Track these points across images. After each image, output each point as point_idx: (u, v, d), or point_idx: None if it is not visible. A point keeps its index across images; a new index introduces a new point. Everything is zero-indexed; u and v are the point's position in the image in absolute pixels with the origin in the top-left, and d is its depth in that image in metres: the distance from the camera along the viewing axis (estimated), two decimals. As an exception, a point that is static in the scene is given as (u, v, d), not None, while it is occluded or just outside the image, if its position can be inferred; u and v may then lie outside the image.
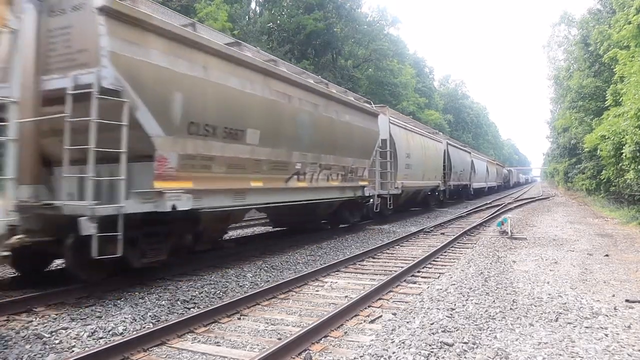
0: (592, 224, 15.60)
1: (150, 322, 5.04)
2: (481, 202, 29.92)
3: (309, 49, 32.19)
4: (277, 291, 6.23)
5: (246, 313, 5.42)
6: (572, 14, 34.32)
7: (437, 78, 72.57)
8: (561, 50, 36.66)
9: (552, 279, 6.84)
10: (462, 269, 7.64)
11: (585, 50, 24.76)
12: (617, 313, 5.14)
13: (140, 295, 6.03)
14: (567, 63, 33.09)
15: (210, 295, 6.21)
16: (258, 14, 33.24)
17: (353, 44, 36.85)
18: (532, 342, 4.22)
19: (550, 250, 9.73)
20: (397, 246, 10.61)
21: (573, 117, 29.36)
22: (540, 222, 16.29)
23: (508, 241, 11.01)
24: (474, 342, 4.22)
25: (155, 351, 4.25)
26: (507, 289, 6.20)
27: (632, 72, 14.32)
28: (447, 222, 16.10)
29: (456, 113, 70.73)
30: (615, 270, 7.57)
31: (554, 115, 46.49)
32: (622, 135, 14.58)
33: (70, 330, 4.68)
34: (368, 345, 4.22)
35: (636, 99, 13.32)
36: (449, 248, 10.17)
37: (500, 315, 5.02)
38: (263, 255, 9.13)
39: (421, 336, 4.35)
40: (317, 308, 5.64)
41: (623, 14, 17.33)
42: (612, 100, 17.85)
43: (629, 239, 11.59)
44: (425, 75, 59.92)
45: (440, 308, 5.27)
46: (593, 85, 24.21)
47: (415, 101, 45.05)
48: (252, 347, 4.34)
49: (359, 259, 8.80)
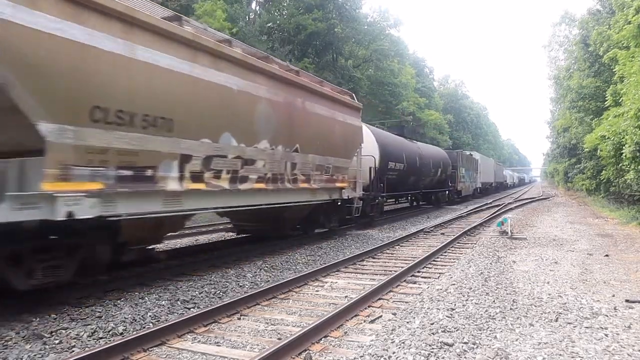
0: (592, 224, 15.60)
1: (150, 322, 5.04)
2: (481, 202, 29.93)
3: (310, 49, 32.18)
4: (277, 291, 6.23)
5: (246, 313, 5.42)
6: (573, 13, 34.30)
7: (437, 78, 72.54)
8: (562, 50, 36.67)
9: (552, 279, 6.84)
10: (462, 269, 7.65)
11: (585, 51, 24.76)
12: (617, 313, 5.14)
13: (140, 295, 6.03)
14: (567, 63, 33.08)
15: (210, 295, 6.20)
16: (258, 14, 33.26)
17: (353, 44, 36.83)
18: (532, 342, 4.22)
19: (550, 250, 9.73)
20: (397, 246, 10.61)
21: (573, 117, 29.36)
22: (540, 222, 16.29)
23: (508, 241, 11.01)
24: (474, 342, 4.22)
25: (155, 351, 4.25)
26: (507, 289, 6.20)
27: (632, 72, 14.32)
28: (447, 222, 16.09)
29: (456, 113, 70.71)
30: (615, 271, 7.57)
31: (554, 115, 46.50)
32: (622, 136, 14.59)
33: (70, 330, 4.68)
34: (368, 345, 4.22)
35: (636, 99, 13.32)
36: (449, 248, 10.17)
37: (500, 315, 5.03)
38: (263, 255, 9.12)
39: (421, 336, 4.35)
40: (317, 308, 5.64)
41: (622, 14, 17.33)
42: (612, 100, 17.86)
43: (629, 239, 11.59)
44: (425, 75, 59.88)
45: (440, 308, 5.27)
46: (593, 86, 24.22)
47: (415, 101, 45.01)
48: (252, 347, 4.34)
49: (359, 258, 8.80)
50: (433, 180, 22.46)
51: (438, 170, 22.45)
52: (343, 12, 33.20)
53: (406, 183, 18.53)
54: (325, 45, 32.39)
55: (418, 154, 19.59)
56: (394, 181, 16.64)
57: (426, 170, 20.58)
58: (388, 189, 16.12)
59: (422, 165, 19.81)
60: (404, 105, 41.18)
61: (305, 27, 29.61)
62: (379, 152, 14.82)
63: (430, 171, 21.22)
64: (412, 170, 18.52)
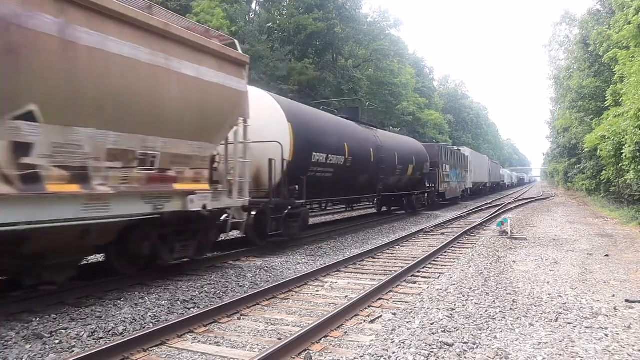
0: (592, 224, 15.60)
1: (150, 322, 5.04)
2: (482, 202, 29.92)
3: (310, 49, 32.18)
4: (277, 291, 6.23)
5: (246, 313, 5.42)
6: (574, 13, 34.28)
7: (437, 78, 72.54)
8: (562, 50, 36.67)
9: (552, 279, 6.84)
10: (462, 269, 7.65)
11: (585, 51, 24.77)
12: (617, 313, 5.14)
13: (140, 295, 6.02)
14: (567, 63, 33.08)
15: (210, 295, 6.20)
16: (258, 14, 33.26)
17: (353, 44, 36.85)
18: (532, 342, 4.23)
19: (550, 250, 9.73)
20: (397, 246, 10.61)
21: (573, 117, 29.37)
22: (540, 222, 16.30)
23: (508, 241, 11.01)
24: (474, 342, 4.22)
25: (155, 351, 4.25)
26: (507, 289, 6.20)
27: (632, 72, 14.32)
28: (447, 222, 16.09)
29: (456, 113, 70.70)
30: (615, 271, 7.57)
31: (554, 115, 46.50)
32: (622, 136, 14.59)
33: (70, 330, 4.68)
34: (368, 345, 4.22)
35: (636, 99, 13.32)
36: (449, 248, 10.17)
37: (500, 315, 5.03)
38: (263, 255, 9.13)
39: (421, 336, 4.35)
40: (317, 308, 5.64)
41: (622, 14, 17.33)
42: (612, 100, 17.85)
43: (629, 239, 11.59)
44: (425, 75, 59.89)
45: (440, 308, 5.28)
46: (593, 86, 24.22)
47: (415, 101, 45.00)
48: (252, 347, 4.34)
49: (359, 259, 8.80)
50: (402, 181, 17.55)
51: (408, 167, 17.63)
52: (343, 12, 33.23)
53: (352, 185, 13.43)
54: (325, 45, 32.40)
55: (374, 145, 14.49)
56: (328, 181, 11.69)
57: (389, 167, 15.58)
58: (318, 193, 11.53)
59: (381, 160, 14.73)
60: (404, 106, 41.16)
61: (306, 27, 29.63)
62: (291, 137, 9.78)
63: (395, 169, 16.28)
64: (362, 167, 13.45)
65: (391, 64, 38.99)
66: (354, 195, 14.91)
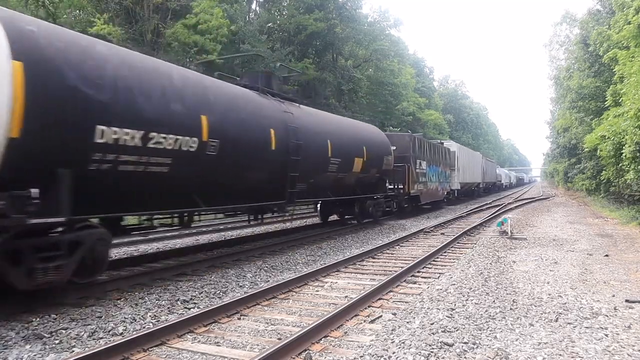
0: (592, 224, 15.60)
1: (150, 322, 5.04)
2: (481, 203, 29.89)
3: (310, 50, 32.19)
4: (277, 291, 6.23)
5: (246, 313, 5.42)
6: (575, 13, 34.29)
7: (437, 78, 72.56)
8: (562, 50, 36.68)
9: (552, 279, 6.84)
10: (462, 269, 7.65)
11: (585, 51, 24.79)
12: (617, 313, 5.14)
13: (140, 295, 6.03)
14: (567, 63, 33.09)
15: (210, 295, 6.21)
16: (258, 14, 33.27)
17: (353, 45, 36.85)
18: (532, 342, 4.23)
19: (550, 250, 9.73)
20: (397, 246, 10.61)
21: (573, 117, 29.38)
22: (540, 222, 16.30)
23: (508, 241, 11.02)
24: (474, 342, 4.22)
25: (155, 351, 4.25)
26: (507, 289, 6.20)
27: (632, 72, 14.32)
28: (447, 222, 16.09)
29: (456, 113, 70.72)
30: (615, 271, 7.57)
31: (554, 115, 46.53)
32: (622, 136, 14.59)
33: (70, 330, 4.68)
34: (368, 345, 4.22)
35: (636, 99, 13.32)
36: (449, 248, 10.17)
37: (500, 315, 5.03)
38: (263, 255, 9.13)
39: (421, 336, 4.35)
40: (317, 308, 5.64)
41: (622, 14, 17.34)
42: (612, 100, 17.86)
43: (628, 239, 11.59)
44: (425, 75, 59.92)
45: (440, 308, 5.28)
46: (593, 86, 24.23)
47: (415, 101, 45.01)
48: (252, 347, 4.34)
49: (359, 259, 8.80)
50: (344, 180, 12.24)
51: (354, 161, 12.18)
52: (343, 12, 33.21)
53: (225, 186, 8.22)
54: (326, 45, 32.39)
55: (282, 125, 9.32)
56: (155, 181, 6.58)
57: (314, 160, 10.41)
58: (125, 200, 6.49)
59: (297, 149, 9.54)
60: (404, 106, 41.16)
61: (306, 27, 29.63)
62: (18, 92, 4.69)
63: (327, 163, 10.97)
64: (250, 157, 8.38)
65: (391, 64, 39.00)
66: (234, 204, 9.04)
